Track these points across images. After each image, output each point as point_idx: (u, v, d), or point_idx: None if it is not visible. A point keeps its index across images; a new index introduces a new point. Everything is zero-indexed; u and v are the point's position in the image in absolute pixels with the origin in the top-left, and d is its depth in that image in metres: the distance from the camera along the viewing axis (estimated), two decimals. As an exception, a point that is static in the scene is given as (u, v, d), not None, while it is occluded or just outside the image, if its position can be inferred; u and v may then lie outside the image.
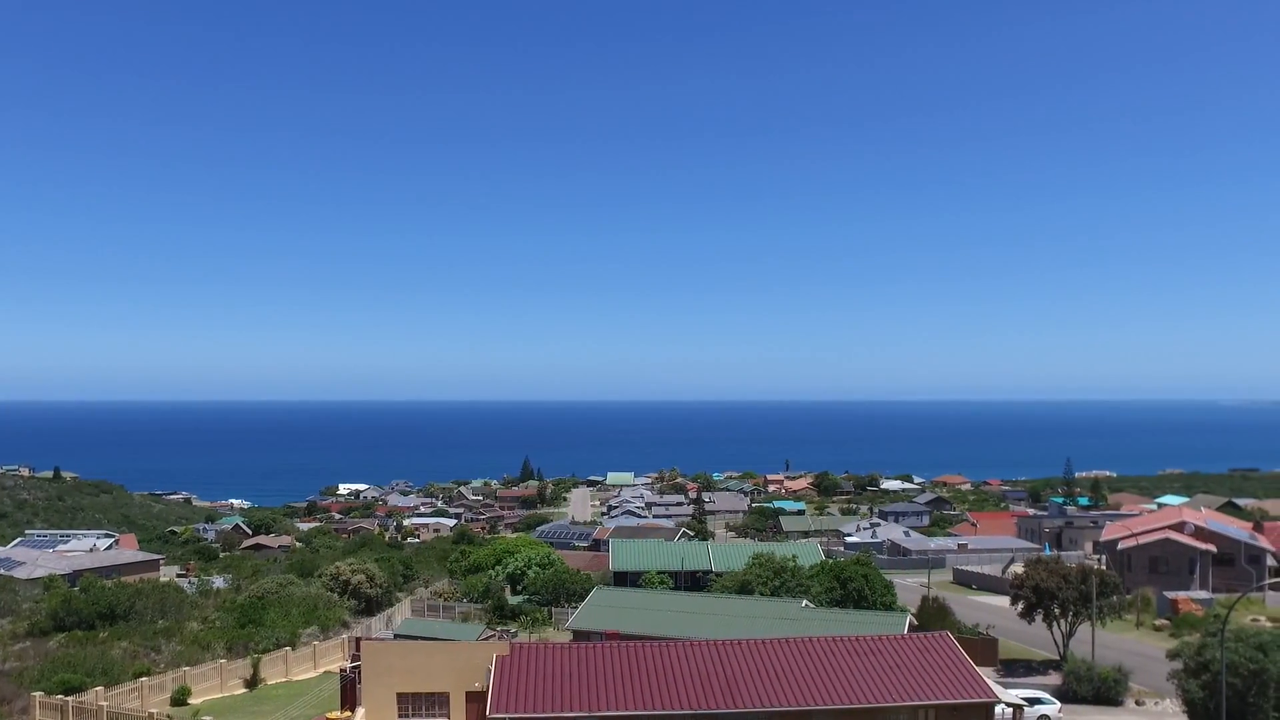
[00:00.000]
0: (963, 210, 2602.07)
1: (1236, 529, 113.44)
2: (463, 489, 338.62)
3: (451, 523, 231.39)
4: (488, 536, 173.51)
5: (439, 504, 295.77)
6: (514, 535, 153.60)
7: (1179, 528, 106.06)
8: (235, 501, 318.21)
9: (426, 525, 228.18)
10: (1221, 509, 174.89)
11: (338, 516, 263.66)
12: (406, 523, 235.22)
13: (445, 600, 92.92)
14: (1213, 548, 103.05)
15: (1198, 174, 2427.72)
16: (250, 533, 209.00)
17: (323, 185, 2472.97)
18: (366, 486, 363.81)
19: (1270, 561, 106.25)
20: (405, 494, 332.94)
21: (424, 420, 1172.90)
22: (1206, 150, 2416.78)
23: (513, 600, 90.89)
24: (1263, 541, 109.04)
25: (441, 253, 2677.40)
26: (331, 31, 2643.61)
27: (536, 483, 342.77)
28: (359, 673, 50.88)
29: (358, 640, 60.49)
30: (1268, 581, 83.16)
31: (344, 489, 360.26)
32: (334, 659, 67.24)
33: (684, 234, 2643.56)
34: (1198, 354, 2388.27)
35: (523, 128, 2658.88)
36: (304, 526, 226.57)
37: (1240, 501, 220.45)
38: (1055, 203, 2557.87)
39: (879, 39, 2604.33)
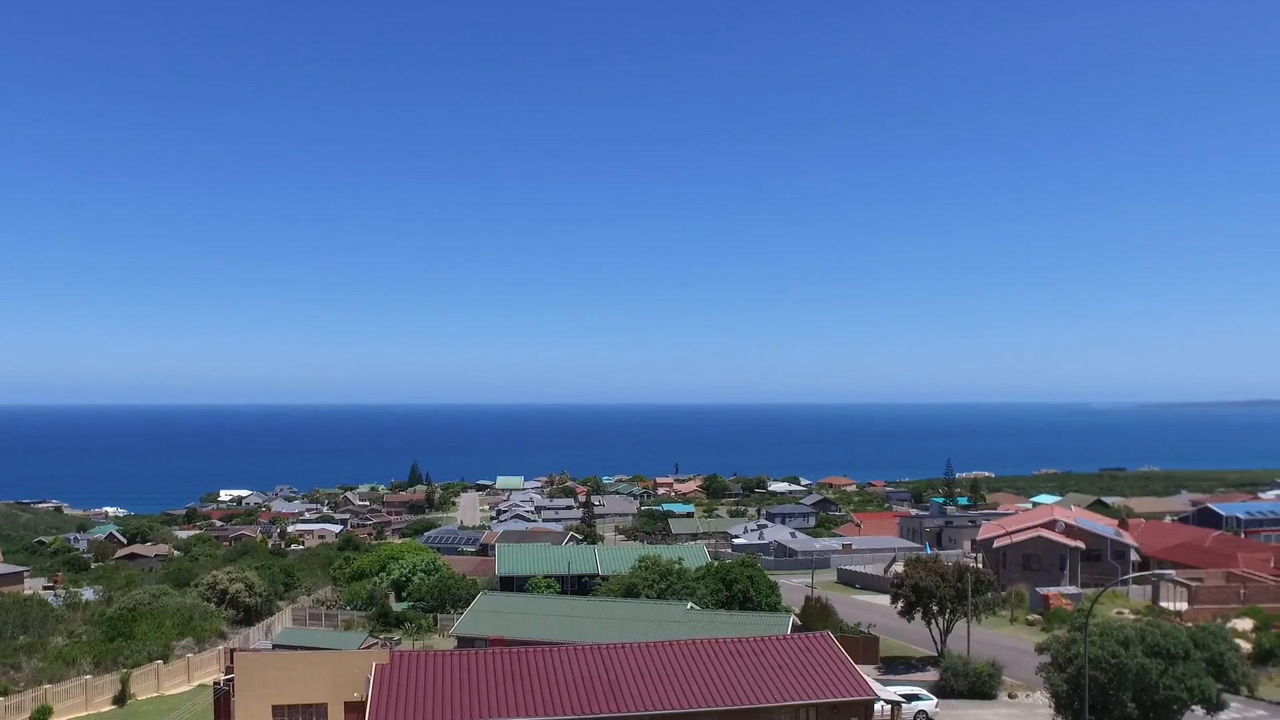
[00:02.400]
0: (835, 220, 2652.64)
1: (1103, 526, 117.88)
2: (349, 494, 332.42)
3: (337, 529, 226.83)
4: (374, 543, 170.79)
5: (324, 510, 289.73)
6: (400, 541, 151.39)
7: (1050, 526, 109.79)
8: (110, 509, 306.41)
9: (311, 532, 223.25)
10: (1091, 507, 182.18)
11: (219, 524, 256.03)
12: (290, 529, 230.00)
13: (328, 608, 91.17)
14: (1082, 544, 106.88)
15: (1070, 187, 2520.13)
16: (125, 542, 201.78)
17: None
18: (249, 492, 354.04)
19: (1134, 557, 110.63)
20: (290, 500, 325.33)
21: (310, 424, 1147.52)
22: (1069, 163, 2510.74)
23: (397, 607, 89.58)
24: (1127, 538, 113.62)
25: (319, 255, 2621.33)
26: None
27: (425, 487, 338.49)
28: (233, 685, 49.43)
29: (233, 651, 58.77)
30: (1130, 576, 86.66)
31: (226, 495, 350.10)
32: (209, 671, 65.26)
33: (569, 239, 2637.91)
34: (1070, 359, 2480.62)
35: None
36: (183, 534, 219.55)
37: (1108, 500, 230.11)
38: (925, 215, 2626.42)
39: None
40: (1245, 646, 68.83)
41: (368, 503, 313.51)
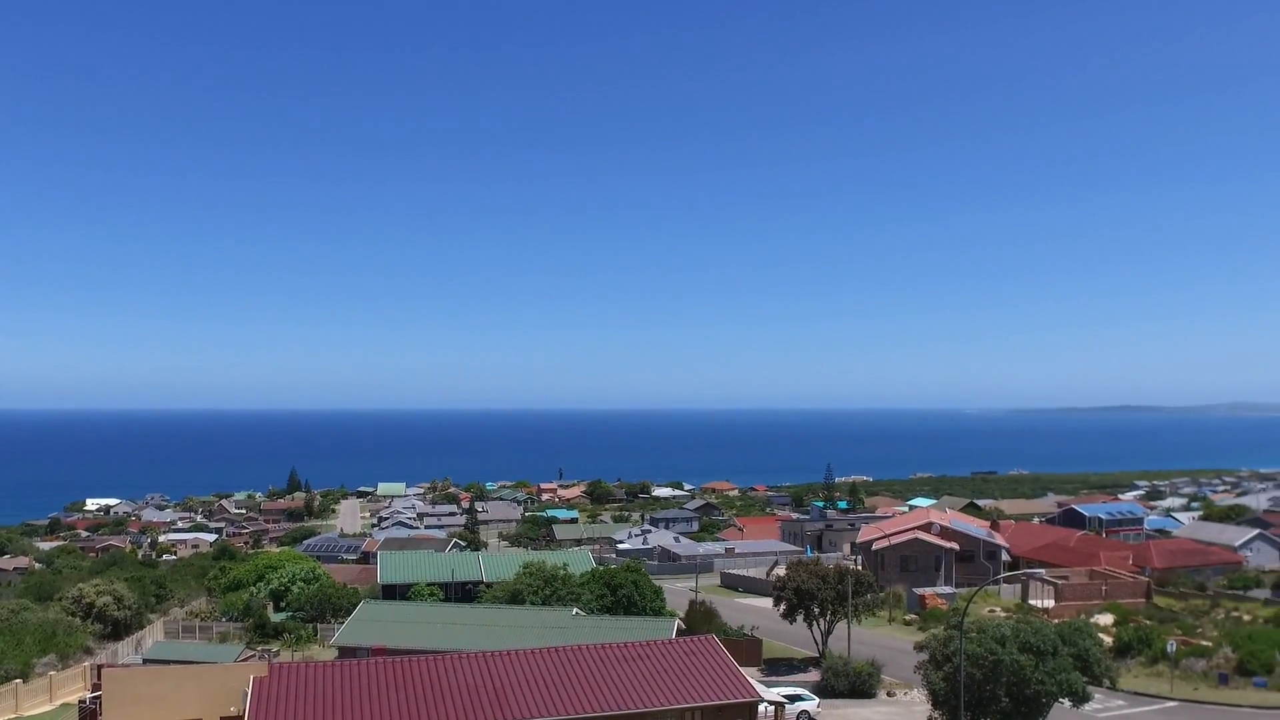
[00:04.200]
0: (716, 230, 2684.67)
1: (976, 528, 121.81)
2: (224, 502, 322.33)
3: (212, 538, 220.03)
4: (251, 551, 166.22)
5: (198, 518, 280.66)
6: (279, 550, 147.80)
7: (926, 528, 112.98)
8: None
9: (184, 541, 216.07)
10: (965, 509, 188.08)
11: (85, 534, 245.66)
12: (162, 539, 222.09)
13: (202, 620, 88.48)
14: (956, 546, 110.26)
15: (936, 204, 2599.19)
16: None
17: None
18: (118, 501, 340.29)
19: (1005, 557, 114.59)
20: (161, 508, 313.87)
21: (182, 430, 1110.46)
22: (941, 181, 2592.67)
23: (276, 618, 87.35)
24: (998, 539, 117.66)
25: (177, 256, 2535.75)
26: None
27: (304, 494, 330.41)
28: (100, 703, 47.52)
29: (99, 668, 56.49)
30: (1002, 576, 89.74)
31: (92, 504, 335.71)
32: (74, 689, 62.51)
33: (436, 245, 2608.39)
34: (943, 367, 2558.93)
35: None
36: (45, 546, 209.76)
37: (981, 502, 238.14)
38: (803, 229, 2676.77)
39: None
40: (1107, 640, 71.97)
41: (244, 511, 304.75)
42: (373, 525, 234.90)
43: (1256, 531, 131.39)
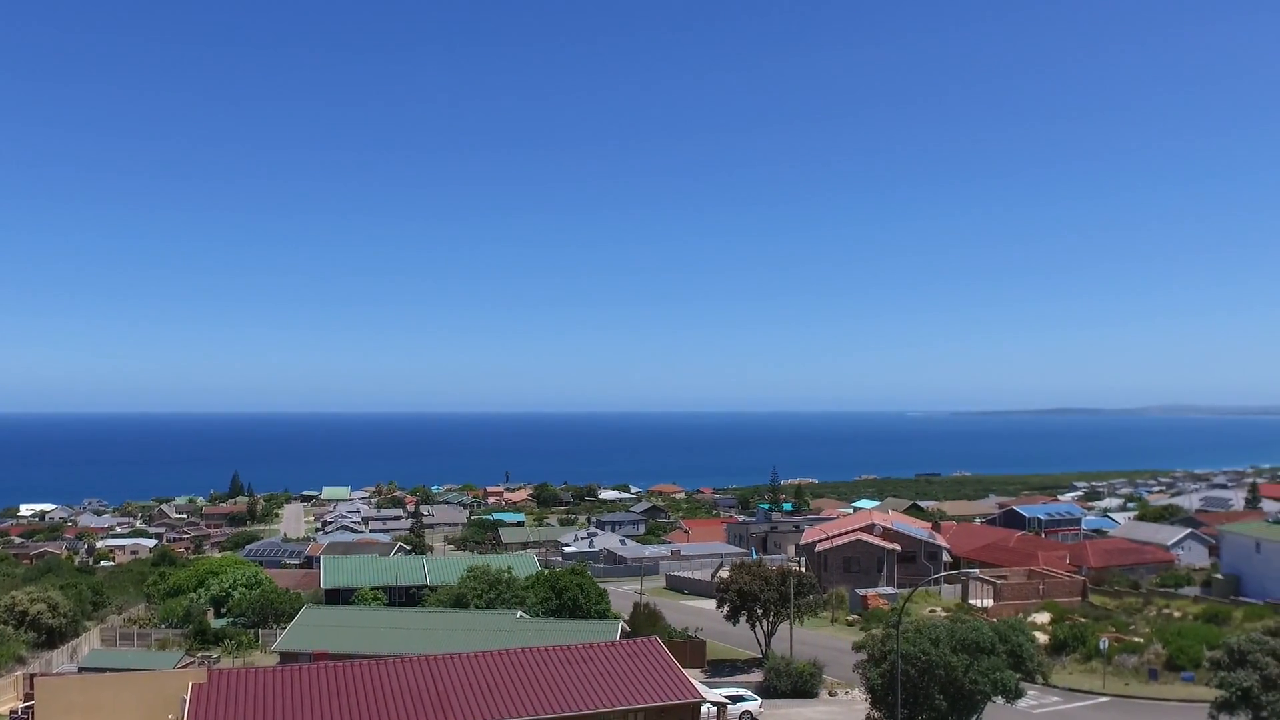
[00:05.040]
0: (650, 238, 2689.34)
1: (918, 529, 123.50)
2: (164, 507, 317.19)
3: (151, 543, 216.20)
4: (191, 557, 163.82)
5: (137, 523, 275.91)
6: (220, 555, 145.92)
7: (869, 530, 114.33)
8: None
9: (123, 547, 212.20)
10: (908, 511, 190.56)
11: (19, 541, 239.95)
12: (100, 545, 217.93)
13: (141, 627, 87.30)
14: (898, 547, 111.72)
15: (876, 209, 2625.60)
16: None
17: None
18: (54, 506, 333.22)
19: (946, 557, 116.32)
20: (99, 514, 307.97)
21: (122, 433, 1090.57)
22: (884, 185, 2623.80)
23: (216, 624, 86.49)
24: (939, 540, 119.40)
25: (127, 256, 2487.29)
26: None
27: (247, 499, 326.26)
28: (32, 713, 46.79)
29: (33, 677, 55.61)
30: (941, 575, 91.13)
31: (26, 510, 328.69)
32: (5, 700, 61.38)
33: (390, 249, 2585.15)
34: (887, 371, 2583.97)
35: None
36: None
37: (923, 504, 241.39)
38: (744, 232, 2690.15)
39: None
40: (1043, 638, 73.47)
41: (185, 515, 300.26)
42: (317, 529, 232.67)
43: (1188, 531, 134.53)
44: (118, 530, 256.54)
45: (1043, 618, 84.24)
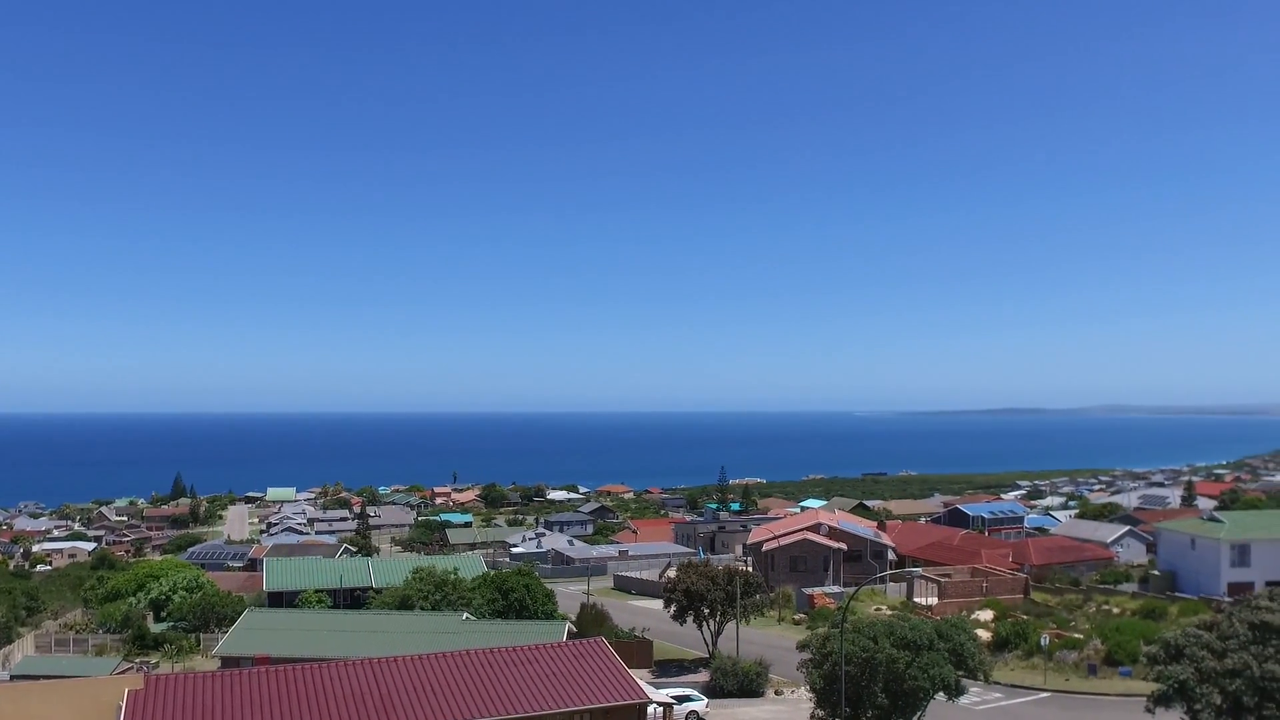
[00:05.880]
0: (608, 234, 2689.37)
1: (864, 528, 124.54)
2: (104, 509, 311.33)
3: (90, 546, 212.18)
4: (132, 560, 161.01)
5: (76, 527, 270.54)
6: (161, 558, 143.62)
7: (815, 529, 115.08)
8: None
9: (60, 551, 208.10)
10: (855, 510, 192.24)
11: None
12: (36, 549, 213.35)
13: (77, 633, 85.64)
14: (844, 546, 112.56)
15: (829, 212, 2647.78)
16: None
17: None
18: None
19: (891, 556, 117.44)
20: (35, 516, 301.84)
21: (59, 434, 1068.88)
22: (833, 191, 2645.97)
23: (156, 628, 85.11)
24: (885, 539, 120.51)
25: (71, 253, 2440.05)
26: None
27: (189, 500, 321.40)
28: (-37, 720, 45.70)
29: (-35, 683, 54.32)
30: (886, 574, 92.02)
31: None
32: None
33: (334, 244, 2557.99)
34: (834, 370, 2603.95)
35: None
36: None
37: (870, 503, 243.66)
38: (693, 233, 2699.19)
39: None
40: (986, 636, 74.47)
41: (126, 518, 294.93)
42: (261, 531, 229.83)
43: (1127, 528, 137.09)
44: (55, 533, 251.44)
45: (986, 615, 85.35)
